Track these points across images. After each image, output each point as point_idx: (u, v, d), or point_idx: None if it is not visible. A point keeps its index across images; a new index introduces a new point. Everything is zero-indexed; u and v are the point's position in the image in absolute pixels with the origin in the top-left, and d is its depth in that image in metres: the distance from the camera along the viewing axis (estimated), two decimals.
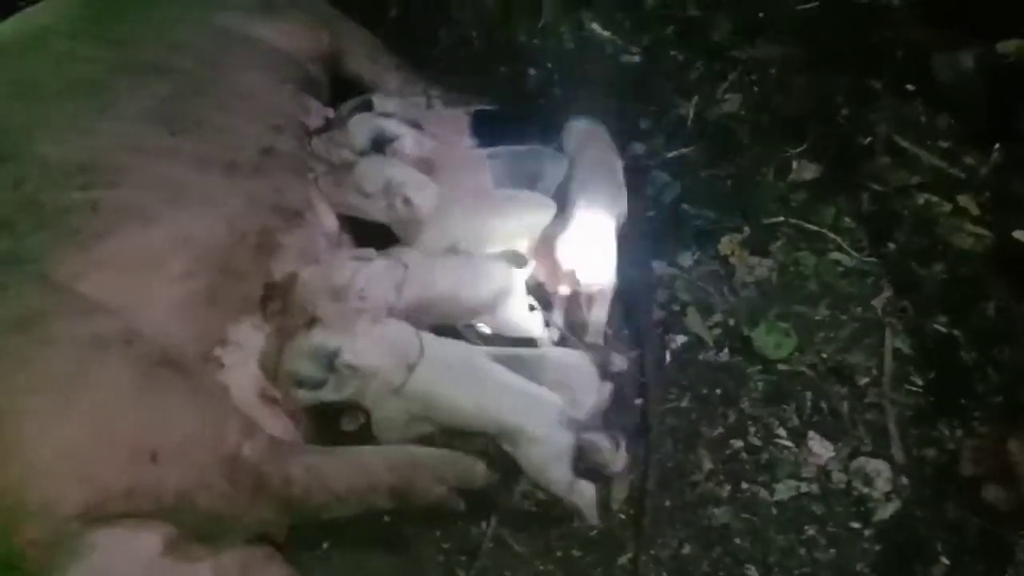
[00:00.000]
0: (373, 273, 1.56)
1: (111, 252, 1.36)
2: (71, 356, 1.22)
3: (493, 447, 1.49)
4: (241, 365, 1.45)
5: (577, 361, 1.60)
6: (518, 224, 1.74)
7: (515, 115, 2.03)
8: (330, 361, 1.44)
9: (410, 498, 1.43)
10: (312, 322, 1.47)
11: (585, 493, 1.47)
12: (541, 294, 1.77)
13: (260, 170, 1.61)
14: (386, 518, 1.52)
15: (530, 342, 1.71)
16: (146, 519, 1.26)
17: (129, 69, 1.59)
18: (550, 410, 1.47)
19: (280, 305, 1.53)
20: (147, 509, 1.24)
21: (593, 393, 1.57)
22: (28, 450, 1.15)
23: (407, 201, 1.68)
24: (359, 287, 1.53)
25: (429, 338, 1.51)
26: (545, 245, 1.74)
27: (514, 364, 1.55)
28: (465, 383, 1.47)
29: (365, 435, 1.51)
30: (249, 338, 1.48)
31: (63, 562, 1.19)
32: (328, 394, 1.46)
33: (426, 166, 1.77)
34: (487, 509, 1.58)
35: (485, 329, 1.70)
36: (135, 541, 1.27)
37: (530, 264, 1.70)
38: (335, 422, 1.53)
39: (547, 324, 1.75)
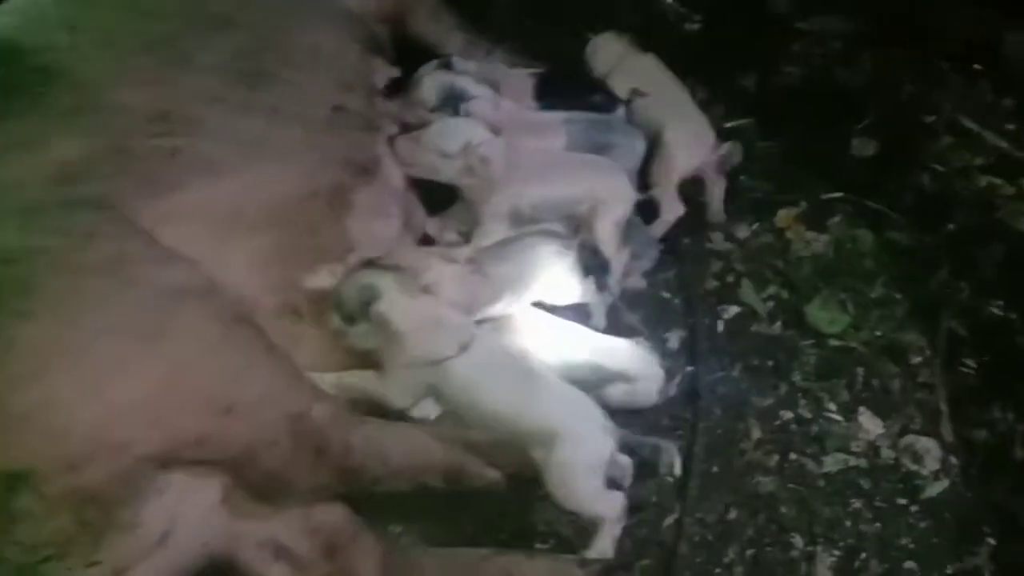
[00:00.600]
0: (451, 276, 1.56)
1: (189, 202, 1.38)
2: (153, 303, 1.24)
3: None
4: (316, 315, 1.47)
5: (646, 353, 1.62)
6: (586, 189, 1.73)
7: (579, 79, 2.02)
8: (367, 304, 1.43)
9: (462, 480, 1.45)
10: (392, 266, 1.49)
11: (614, 506, 1.42)
12: (598, 259, 1.77)
13: (332, 126, 1.62)
14: None
15: (583, 310, 1.73)
16: (211, 469, 1.30)
17: (201, 23, 1.60)
18: (594, 414, 1.45)
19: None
20: (214, 459, 1.28)
21: (654, 391, 1.60)
22: (107, 390, 1.18)
23: (485, 161, 1.69)
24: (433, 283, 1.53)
25: (489, 333, 1.51)
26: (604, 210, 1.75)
27: (582, 343, 1.58)
28: (509, 376, 1.46)
29: None
30: (325, 286, 1.49)
31: (131, 500, 1.22)
32: (354, 336, 1.45)
33: (498, 127, 1.78)
34: None
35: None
36: (201, 488, 1.31)
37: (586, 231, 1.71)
38: None
39: (600, 289, 1.76)
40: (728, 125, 2.15)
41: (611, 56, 2.02)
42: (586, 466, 1.41)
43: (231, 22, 1.64)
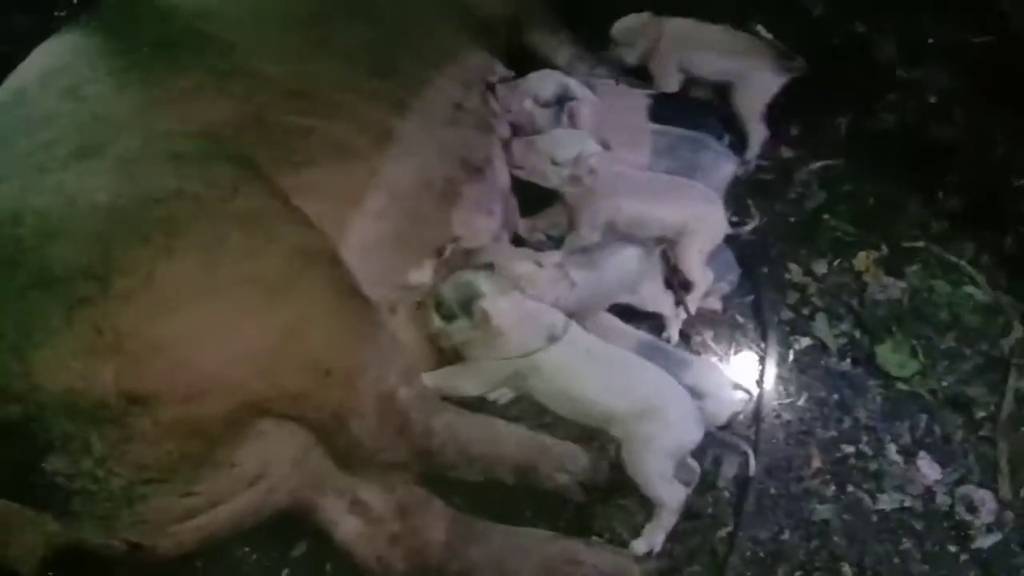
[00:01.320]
0: (541, 279, 1.63)
1: (319, 179, 1.46)
2: (286, 260, 1.33)
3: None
4: (409, 306, 1.56)
5: (718, 372, 1.68)
6: (684, 216, 1.79)
7: (695, 103, 2.07)
8: (469, 301, 1.50)
9: (532, 478, 1.52)
10: (488, 265, 1.57)
11: (676, 497, 1.48)
12: (679, 276, 1.83)
13: (452, 123, 1.71)
14: None
15: (659, 318, 1.80)
16: (300, 427, 1.38)
17: (346, 9, 1.70)
18: (687, 401, 1.52)
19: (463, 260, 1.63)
20: (305, 417, 1.36)
21: (726, 408, 1.65)
22: (233, 334, 1.26)
23: (593, 172, 1.76)
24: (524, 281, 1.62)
25: (575, 326, 1.57)
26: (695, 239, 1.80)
27: (656, 354, 1.64)
28: (601, 367, 1.51)
29: None
30: (424, 279, 1.58)
31: (232, 440, 1.32)
32: (454, 333, 1.53)
33: (595, 131, 1.85)
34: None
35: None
36: (293, 439, 1.39)
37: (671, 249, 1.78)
38: None
39: (678, 304, 1.82)
40: (818, 164, 2.20)
41: (638, 35, 2.08)
42: (669, 447, 1.47)
43: (369, 13, 1.73)
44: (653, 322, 1.82)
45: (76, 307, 1.19)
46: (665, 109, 1.99)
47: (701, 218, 1.79)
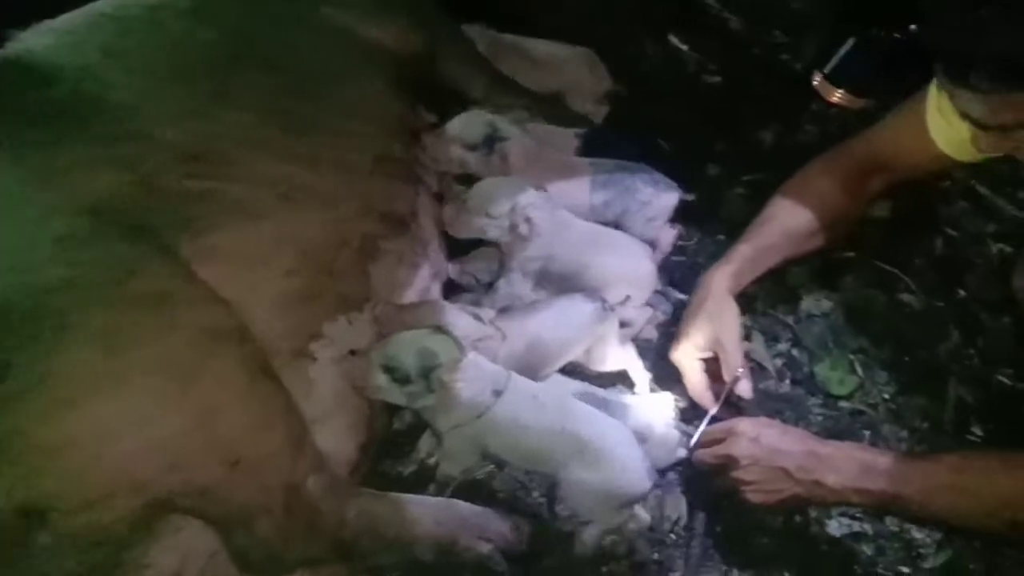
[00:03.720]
0: (480, 335, 1.58)
1: (221, 244, 1.39)
2: (191, 343, 1.25)
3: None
4: (332, 359, 1.49)
5: (660, 416, 1.64)
6: (612, 268, 1.76)
7: (624, 135, 2.05)
8: (428, 369, 1.46)
9: (452, 552, 1.46)
10: (439, 328, 1.51)
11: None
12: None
13: (373, 174, 1.64)
14: None
15: (626, 379, 1.75)
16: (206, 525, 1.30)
17: (245, 60, 1.61)
18: (636, 451, 1.49)
19: (395, 315, 1.57)
20: (210, 513, 1.28)
21: (670, 452, 1.61)
22: (139, 428, 1.19)
23: (530, 222, 1.72)
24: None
25: (515, 375, 1.54)
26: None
27: (597, 403, 1.59)
28: (550, 410, 1.49)
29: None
30: (342, 334, 1.52)
31: (142, 541, 1.24)
32: (403, 396, 1.49)
33: (528, 171, 1.81)
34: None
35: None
36: (206, 538, 1.31)
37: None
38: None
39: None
40: (745, 178, 2.18)
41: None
42: (615, 496, 1.46)
43: (275, 62, 1.65)
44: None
45: None
46: (596, 143, 1.97)
47: (633, 275, 1.75)
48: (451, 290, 1.85)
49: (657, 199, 1.87)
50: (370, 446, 1.57)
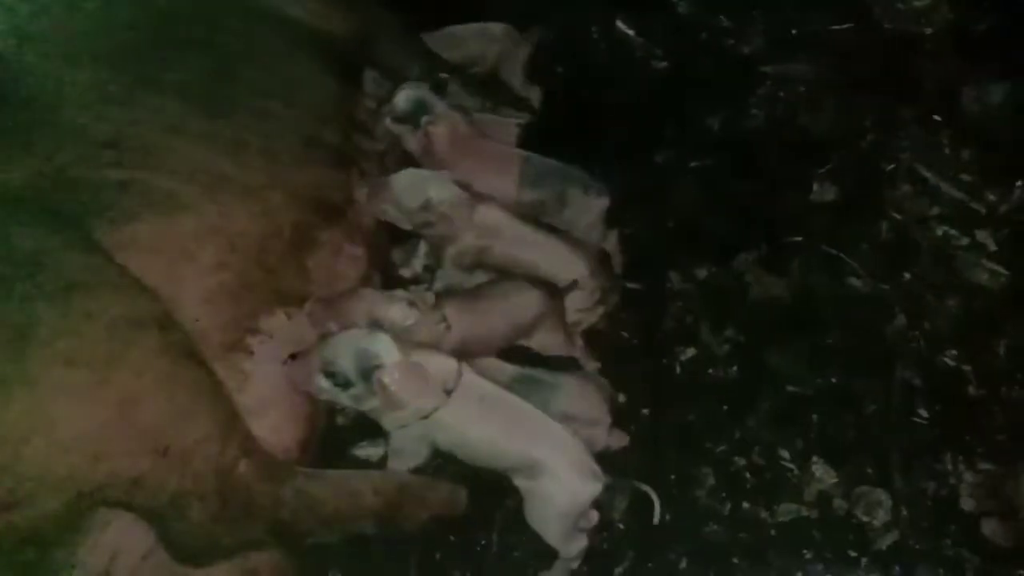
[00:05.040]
0: (417, 325, 1.53)
1: (141, 236, 1.33)
2: (109, 334, 1.20)
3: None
4: (269, 355, 1.44)
5: (591, 395, 1.60)
6: (555, 267, 1.71)
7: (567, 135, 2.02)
8: (369, 370, 1.41)
9: (394, 523, 1.43)
10: (375, 324, 1.45)
11: (575, 547, 1.47)
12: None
13: (303, 162, 1.58)
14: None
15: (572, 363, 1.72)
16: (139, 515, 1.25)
17: (168, 41, 1.55)
18: (585, 457, 1.46)
19: (326, 311, 1.52)
20: (144, 504, 1.23)
21: (602, 432, 1.58)
22: (58, 423, 1.14)
23: (444, 219, 1.67)
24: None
25: (467, 371, 1.49)
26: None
27: (529, 385, 1.55)
28: (495, 417, 1.45)
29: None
30: (280, 329, 1.46)
31: (70, 539, 1.19)
32: (347, 398, 1.44)
33: (456, 155, 1.76)
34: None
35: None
36: (137, 528, 1.26)
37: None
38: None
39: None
40: (693, 164, 2.16)
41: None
42: (567, 504, 1.43)
43: (202, 45, 1.58)
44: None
45: None
46: (538, 135, 1.93)
47: (564, 262, 1.71)
48: (394, 281, 1.80)
49: (588, 209, 1.82)
50: (310, 442, 1.52)
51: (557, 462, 1.42)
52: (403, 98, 1.79)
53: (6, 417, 1.12)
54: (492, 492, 1.53)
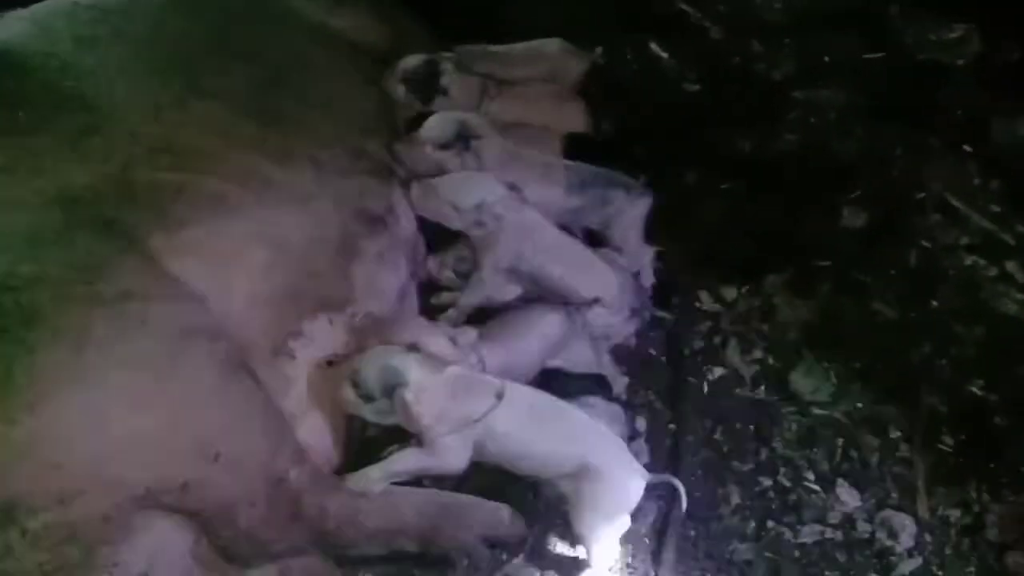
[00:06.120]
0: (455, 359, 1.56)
1: (195, 238, 1.37)
2: (163, 341, 1.23)
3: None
4: (311, 358, 1.47)
5: (612, 418, 1.62)
6: (579, 281, 1.74)
7: (607, 142, 2.05)
8: (392, 388, 1.43)
9: (436, 542, 1.45)
10: (412, 346, 1.48)
11: (607, 558, 1.49)
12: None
13: (347, 172, 1.62)
14: None
15: (601, 380, 1.74)
16: (187, 519, 1.28)
17: (219, 52, 1.59)
18: (627, 457, 1.49)
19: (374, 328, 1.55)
20: (193, 508, 1.26)
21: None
22: (111, 424, 1.17)
23: (497, 219, 1.70)
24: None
25: (511, 383, 1.51)
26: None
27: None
28: (545, 422, 1.47)
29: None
30: (322, 333, 1.49)
31: (113, 539, 1.21)
32: (369, 412, 1.47)
33: (505, 169, 1.80)
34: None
35: None
36: (179, 532, 1.29)
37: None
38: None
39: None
40: (723, 186, 2.19)
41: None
42: (618, 504, 1.46)
43: (251, 56, 1.63)
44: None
45: None
46: (578, 150, 1.94)
47: (605, 287, 1.73)
48: (430, 288, 1.83)
49: (630, 207, 1.86)
50: (349, 444, 1.55)
51: (606, 463, 1.45)
52: (443, 126, 1.81)
53: (62, 415, 1.15)
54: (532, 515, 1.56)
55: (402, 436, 1.51)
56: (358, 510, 1.41)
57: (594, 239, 1.87)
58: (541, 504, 1.59)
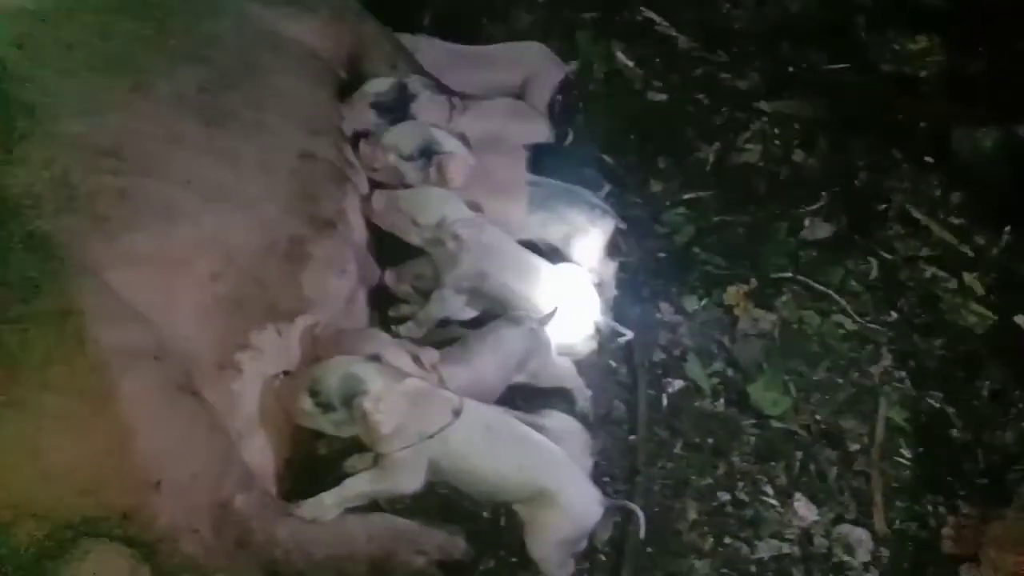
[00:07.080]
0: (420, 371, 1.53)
1: (138, 245, 1.32)
2: (104, 363, 1.19)
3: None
4: (258, 372, 1.42)
5: (573, 433, 1.58)
6: (543, 292, 1.71)
7: (574, 154, 2.03)
8: (351, 396, 1.39)
9: (388, 569, 1.41)
10: (373, 357, 1.44)
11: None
12: None
13: (296, 174, 1.58)
14: None
15: (566, 393, 1.72)
16: (125, 549, 1.22)
17: (166, 52, 1.55)
18: (585, 482, 1.47)
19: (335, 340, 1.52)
20: (135, 537, 1.21)
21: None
22: (45, 452, 1.13)
23: (457, 238, 1.67)
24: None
25: (469, 401, 1.47)
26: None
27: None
28: (500, 444, 1.44)
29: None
30: (271, 345, 1.44)
31: (52, 566, 1.16)
32: (327, 423, 1.42)
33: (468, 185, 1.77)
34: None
35: None
36: (121, 561, 1.22)
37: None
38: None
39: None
40: (686, 196, 2.18)
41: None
42: (569, 535, 1.44)
43: (196, 57, 1.58)
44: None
45: None
46: (543, 160, 1.90)
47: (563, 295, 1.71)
48: (379, 297, 1.79)
49: (593, 227, 1.83)
50: (295, 460, 1.52)
51: (563, 489, 1.42)
52: (409, 137, 1.78)
53: None
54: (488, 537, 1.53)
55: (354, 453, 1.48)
56: (307, 537, 1.36)
57: (556, 254, 1.84)
58: (497, 528, 1.56)
